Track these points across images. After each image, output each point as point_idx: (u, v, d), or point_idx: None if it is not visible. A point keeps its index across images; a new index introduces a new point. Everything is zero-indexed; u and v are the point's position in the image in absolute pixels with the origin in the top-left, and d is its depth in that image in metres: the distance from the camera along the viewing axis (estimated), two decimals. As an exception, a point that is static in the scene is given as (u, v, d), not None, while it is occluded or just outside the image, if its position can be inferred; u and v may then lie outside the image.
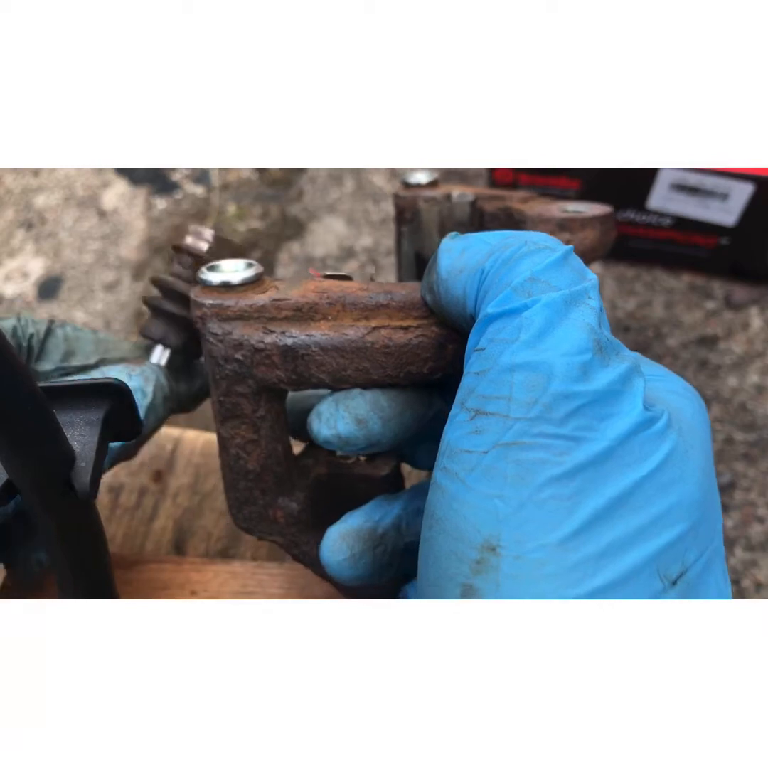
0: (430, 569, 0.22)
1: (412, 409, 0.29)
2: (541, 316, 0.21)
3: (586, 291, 0.22)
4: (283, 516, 0.32)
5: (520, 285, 0.22)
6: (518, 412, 0.20)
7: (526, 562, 0.19)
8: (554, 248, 0.23)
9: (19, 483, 0.23)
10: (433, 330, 0.27)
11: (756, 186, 1.15)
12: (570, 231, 0.40)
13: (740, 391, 1.18)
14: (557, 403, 0.20)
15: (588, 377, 0.20)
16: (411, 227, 0.48)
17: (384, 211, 1.50)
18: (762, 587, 0.99)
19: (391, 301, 0.28)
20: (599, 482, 0.19)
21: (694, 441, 0.22)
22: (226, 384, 0.28)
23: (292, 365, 0.27)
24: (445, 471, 0.22)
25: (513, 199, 0.45)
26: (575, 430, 0.20)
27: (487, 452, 0.20)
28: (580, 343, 0.20)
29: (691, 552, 0.20)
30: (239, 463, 0.30)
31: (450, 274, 0.25)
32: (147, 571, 0.44)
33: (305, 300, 0.27)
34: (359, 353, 0.27)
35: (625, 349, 0.22)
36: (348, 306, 0.27)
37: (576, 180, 1.26)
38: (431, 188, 0.47)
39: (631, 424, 0.20)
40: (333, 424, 0.27)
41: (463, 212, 0.45)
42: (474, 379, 0.22)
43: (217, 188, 1.60)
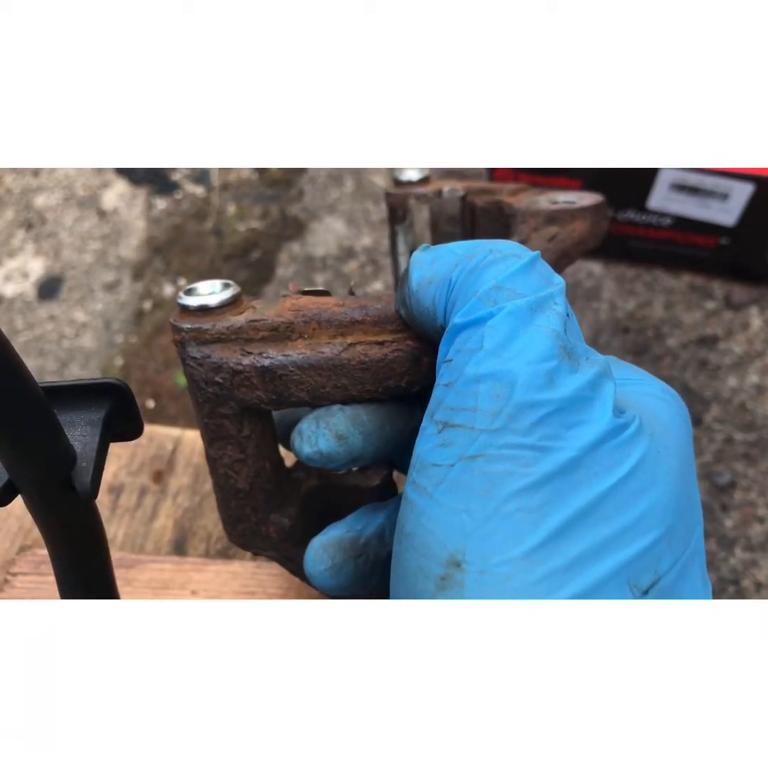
0: (399, 585, 0.22)
1: (392, 422, 0.29)
2: (506, 324, 0.20)
3: (552, 296, 0.21)
4: (275, 531, 0.32)
5: (485, 294, 0.21)
6: (483, 423, 0.20)
7: (491, 577, 0.19)
8: (520, 255, 0.22)
9: (20, 483, 0.23)
10: (408, 344, 0.27)
11: (756, 186, 1.15)
12: (559, 223, 0.40)
13: (740, 391, 1.18)
14: (522, 412, 0.20)
15: (554, 384, 0.20)
16: (404, 226, 0.47)
17: (384, 211, 1.50)
18: (762, 587, 0.99)
19: (365, 316, 0.27)
20: (566, 493, 0.19)
21: (669, 444, 0.21)
22: (209, 406, 0.28)
23: (271, 386, 0.27)
24: (414, 485, 0.21)
25: (503, 192, 0.45)
26: (541, 439, 0.19)
27: (453, 465, 0.20)
28: (544, 350, 0.20)
29: (665, 560, 0.19)
30: (229, 482, 0.30)
31: (420, 286, 0.24)
32: (147, 571, 0.44)
33: (281, 319, 0.27)
34: (336, 370, 0.27)
35: (595, 354, 0.22)
36: (323, 323, 0.27)
37: (576, 180, 1.26)
38: (423, 185, 0.47)
39: (599, 432, 0.20)
40: (314, 441, 0.27)
41: (454, 207, 0.44)
42: (442, 391, 0.22)
43: (217, 188, 1.60)
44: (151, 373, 1.33)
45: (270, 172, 1.63)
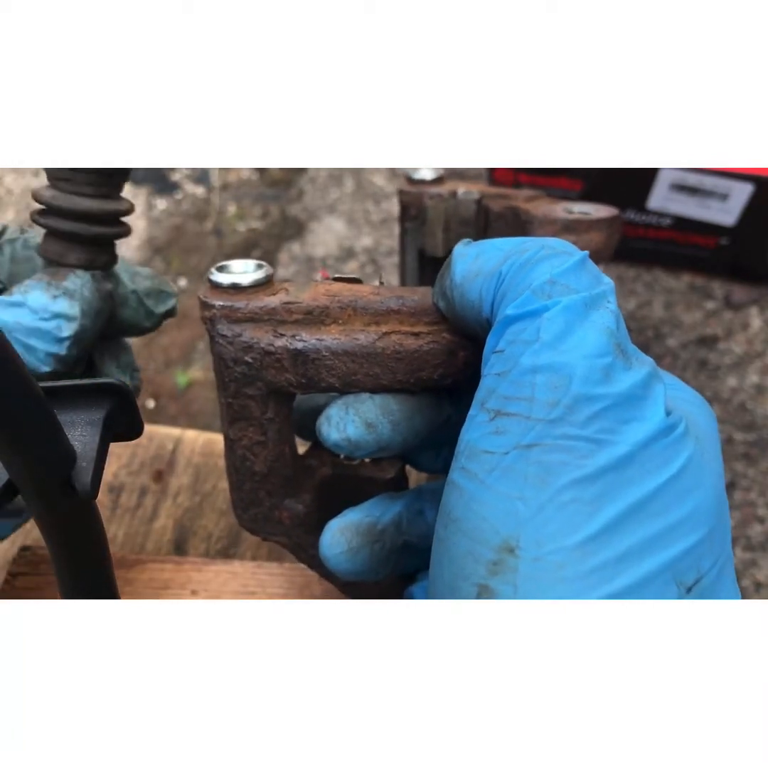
0: (444, 570, 0.22)
1: (421, 414, 0.29)
2: (562, 318, 0.21)
3: (605, 294, 0.22)
4: (288, 517, 0.32)
5: (539, 287, 0.22)
6: (540, 413, 0.20)
7: (544, 564, 0.19)
8: (572, 253, 0.23)
9: (19, 483, 0.23)
10: (444, 336, 0.27)
11: (756, 186, 1.15)
12: (576, 233, 0.40)
13: (740, 391, 1.18)
14: (579, 404, 0.20)
15: (610, 380, 0.20)
16: (415, 224, 0.47)
17: (384, 211, 1.50)
18: (762, 587, 0.99)
19: (402, 306, 0.27)
20: (620, 487, 0.19)
21: (709, 449, 0.22)
22: (235, 386, 0.28)
23: (302, 369, 0.27)
24: (463, 471, 0.22)
25: (519, 198, 0.45)
26: (597, 432, 0.20)
27: (507, 453, 0.20)
28: (600, 346, 0.20)
29: (706, 559, 0.20)
30: (246, 464, 0.30)
31: (465, 279, 0.25)
32: (147, 571, 0.44)
33: (316, 303, 0.27)
34: (370, 358, 0.27)
35: (643, 354, 0.22)
36: (359, 310, 0.27)
37: (577, 180, 1.26)
38: (437, 185, 0.47)
39: (652, 430, 0.20)
40: (343, 428, 0.27)
41: (469, 210, 0.45)
42: (494, 380, 0.22)
43: (217, 188, 1.60)
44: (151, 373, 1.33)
45: (270, 172, 1.63)
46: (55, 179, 0.32)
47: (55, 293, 0.31)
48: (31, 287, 0.31)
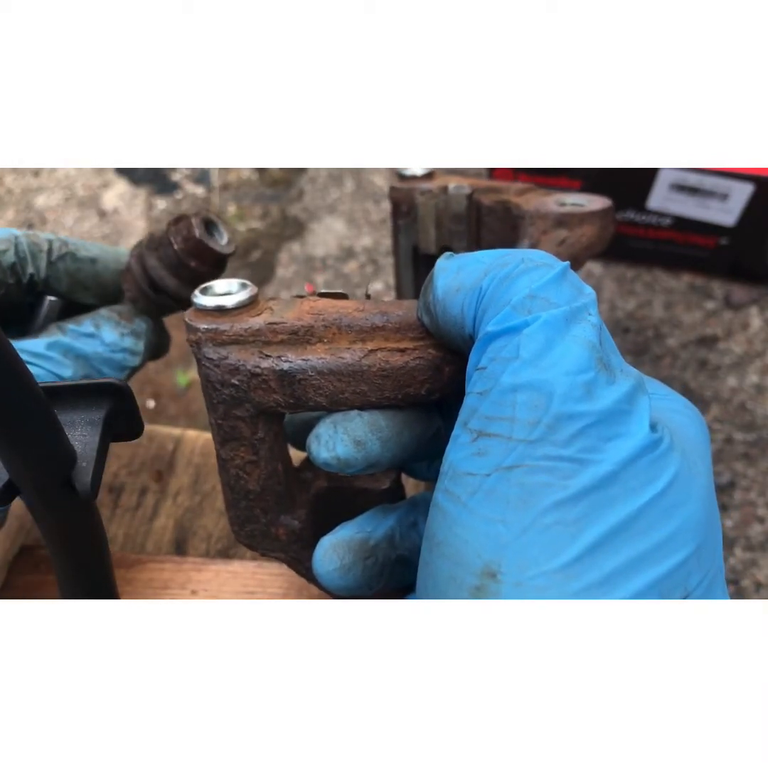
0: (429, 594, 0.21)
1: (410, 429, 0.28)
2: (542, 334, 0.21)
3: (586, 307, 0.22)
4: (285, 533, 0.31)
5: (519, 302, 0.21)
6: (521, 433, 0.20)
7: (526, 589, 0.19)
8: (552, 265, 0.22)
9: (20, 483, 0.23)
10: (429, 352, 0.27)
11: (756, 186, 1.15)
12: (568, 227, 0.40)
13: (740, 391, 1.18)
14: (560, 423, 0.20)
15: (592, 396, 0.20)
16: (407, 221, 0.47)
17: (384, 211, 1.50)
18: (762, 587, 0.99)
19: (387, 322, 0.27)
20: (604, 507, 0.19)
21: (697, 460, 0.21)
22: (224, 408, 0.28)
23: (289, 390, 0.27)
24: (446, 493, 0.21)
25: (510, 191, 0.45)
26: (580, 452, 0.19)
27: (489, 475, 0.20)
28: (581, 361, 0.20)
29: (694, 576, 0.20)
30: (239, 483, 0.30)
31: (447, 294, 0.24)
32: (147, 571, 0.44)
33: (301, 323, 0.27)
34: (356, 377, 0.27)
35: (628, 366, 0.22)
36: (344, 328, 0.27)
37: (576, 180, 1.26)
38: (427, 180, 0.47)
39: (636, 447, 0.20)
40: (332, 446, 0.27)
41: (460, 205, 0.44)
42: (476, 399, 0.22)
43: (217, 188, 1.60)
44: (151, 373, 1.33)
45: (270, 172, 1.63)
46: (174, 268, 0.37)
47: (124, 332, 0.39)
48: (102, 322, 0.38)
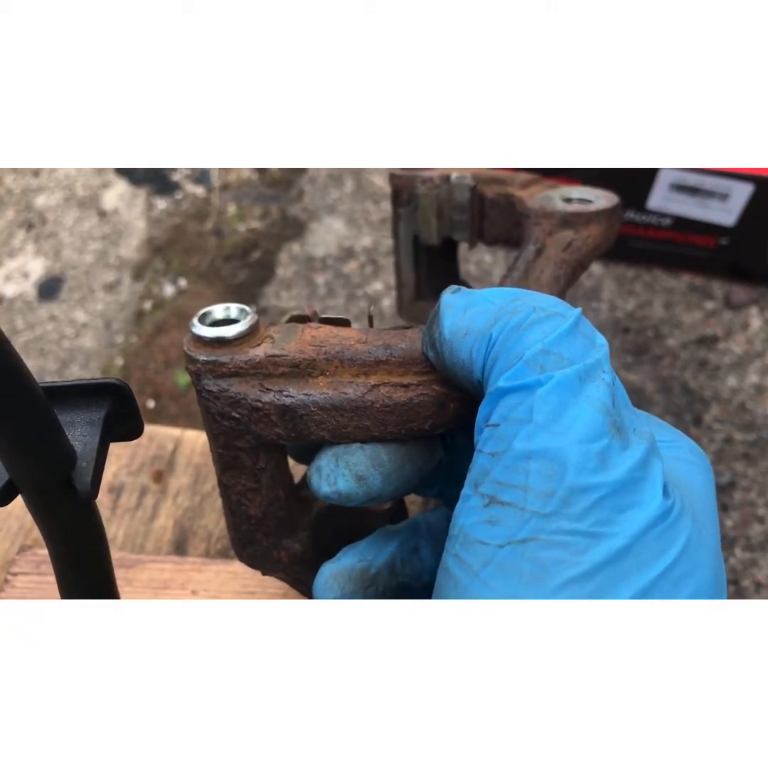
0: None
1: (412, 462, 0.28)
2: (555, 396, 0.20)
3: (600, 363, 0.21)
4: (286, 556, 0.31)
5: (532, 358, 0.21)
6: (535, 504, 0.20)
7: None
8: (564, 314, 0.22)
9: (20, 483, 0.23)
10: (434, 388, 0.26)
11: (756, 186, 1.15)
12: (574, 227, 0.39)
13: (740, 391, 1.18)
14: (575, 496, 0.19)
15: (606, 465, 0.20)
16: (408, 210, 0.46)
17: (384, 211, 1.50)
18: (762, 587, 0.99)
19: (390, 356, 0.27)
20: (616, 582, 0.19)
21: (706, 520, 0.21)
22: (224, 439, 0.28)
23: (291, 424, 0.27)
24: (457, 559, 0.21)
25: (514, 183, 0.44)
26: (593, 525, 0.19)
27: (502, 546, 0.20)
28: (595, 427, 0.20)
29: None
30: (241, 508, 0.30)
31: (454, 336, 0.24)
32: (147, 571, 0.44)
33: (302, 356, 0.27)
34: (359, 412, 0.26)
35: (641, 422, 0.21)
36: (346, 362, 0.27)
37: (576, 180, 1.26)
38: (430, 168, 0.46)
39: (650, 517, 0.19)
40: (333, 480, 0.27)
41: (463, 195, 0.43)
42: (488, 460, 0.21)
43: (217, 188, 1.60)
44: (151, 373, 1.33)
45: (270, 172, 1.63)
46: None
47: None
48: None
